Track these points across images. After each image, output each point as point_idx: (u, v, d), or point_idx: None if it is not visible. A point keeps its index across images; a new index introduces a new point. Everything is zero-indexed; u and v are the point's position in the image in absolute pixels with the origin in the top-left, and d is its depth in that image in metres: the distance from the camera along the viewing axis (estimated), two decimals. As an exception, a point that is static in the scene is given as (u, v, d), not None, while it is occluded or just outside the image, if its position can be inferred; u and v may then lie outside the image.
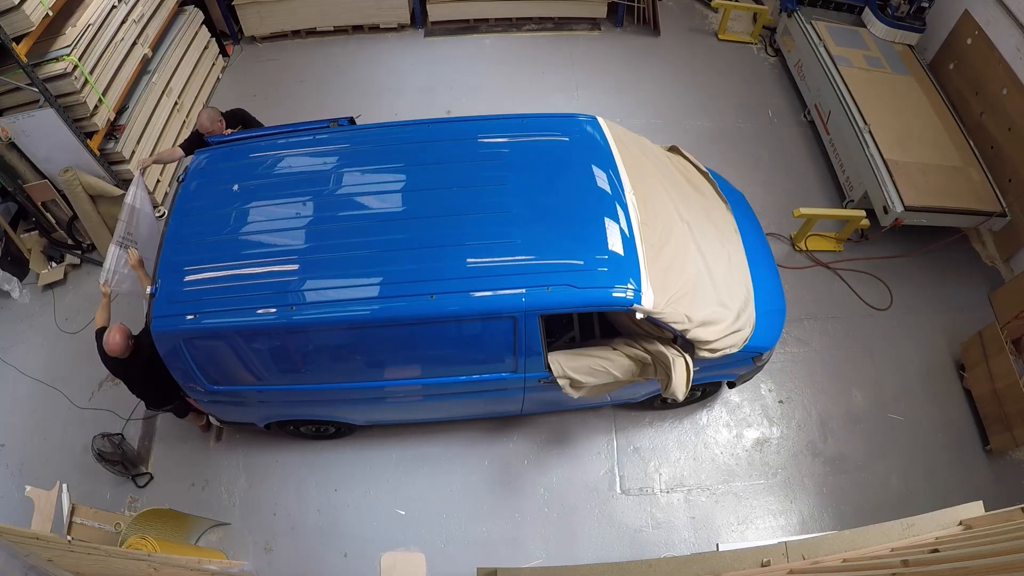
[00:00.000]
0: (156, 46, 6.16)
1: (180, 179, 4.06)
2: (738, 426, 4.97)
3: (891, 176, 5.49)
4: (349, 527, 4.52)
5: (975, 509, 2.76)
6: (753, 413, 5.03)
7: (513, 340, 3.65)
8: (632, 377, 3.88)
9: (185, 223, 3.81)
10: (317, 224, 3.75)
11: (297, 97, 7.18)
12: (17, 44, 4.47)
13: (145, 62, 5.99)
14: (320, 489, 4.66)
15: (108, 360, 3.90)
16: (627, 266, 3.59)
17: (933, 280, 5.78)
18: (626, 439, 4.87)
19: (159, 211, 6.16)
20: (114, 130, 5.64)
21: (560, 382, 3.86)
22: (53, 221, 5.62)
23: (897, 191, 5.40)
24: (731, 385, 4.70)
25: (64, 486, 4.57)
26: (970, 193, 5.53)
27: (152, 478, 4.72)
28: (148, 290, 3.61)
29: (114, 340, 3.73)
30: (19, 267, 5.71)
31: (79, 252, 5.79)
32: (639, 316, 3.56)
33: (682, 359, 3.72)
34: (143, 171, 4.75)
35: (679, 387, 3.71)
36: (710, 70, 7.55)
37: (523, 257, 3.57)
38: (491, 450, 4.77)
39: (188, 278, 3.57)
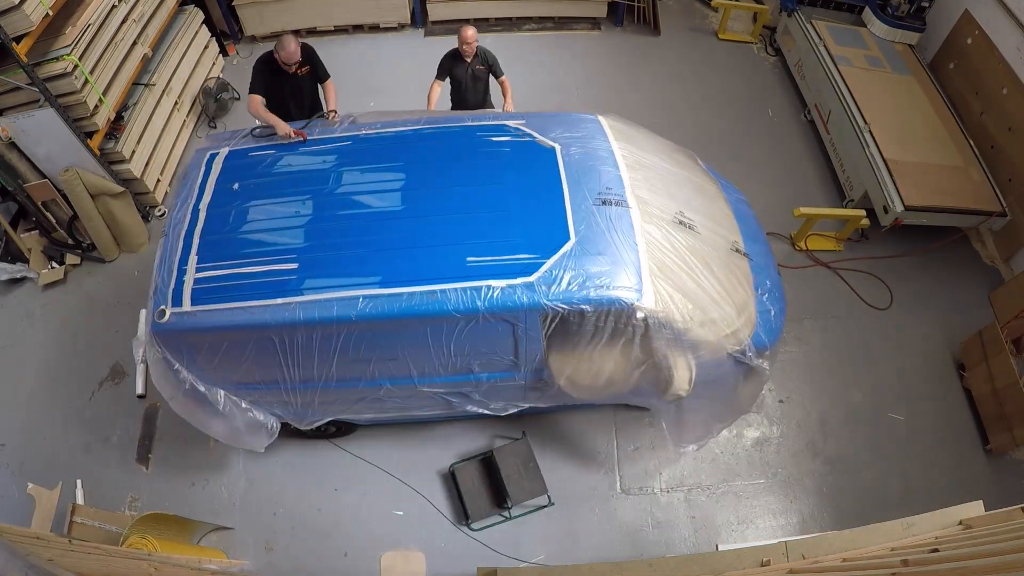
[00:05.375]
0: (156, 46, 6.15)
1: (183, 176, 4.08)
2: (738, 425, 4.97)
3: (891, 176, 5.50)
4: (349, 527, 4.52)
5: (975, 509, 2.75)
6: (755, 414, 5.03)
7: (513, 340, 3.66)
8: (632, 377, 3.87)
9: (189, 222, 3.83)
10: (316, 222, 3.76)
11: (297, 97, 7.17)
12: (17, 44, 4.46)
13: (145, 62, 5.99)
14: (320, 489, 4.66)
15: None
16: (628, 265, 3.59)
17: (933, 280, 5.78)
18: (626, 439, 4.87)
19: (159, 210, 6.18)
20: (114, 130, 5.65)
21: (561, 382, 3.86)
22: (53, 221, 5.62)
23: (897, 191, 5.40)
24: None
25: (79, 482, 4.59)
26: (970, 193, 5.54)
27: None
28: None
29: None
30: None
31: (79, 252, 5.80)
32: (640, 315, 3.56)
33: (683, 359, 3.72)
34: None
35: (681, 387, 3.71)
36: (710, 70, 7.55)
37: (523, 256, 3.57)
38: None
39: (187, 276, 3.58)
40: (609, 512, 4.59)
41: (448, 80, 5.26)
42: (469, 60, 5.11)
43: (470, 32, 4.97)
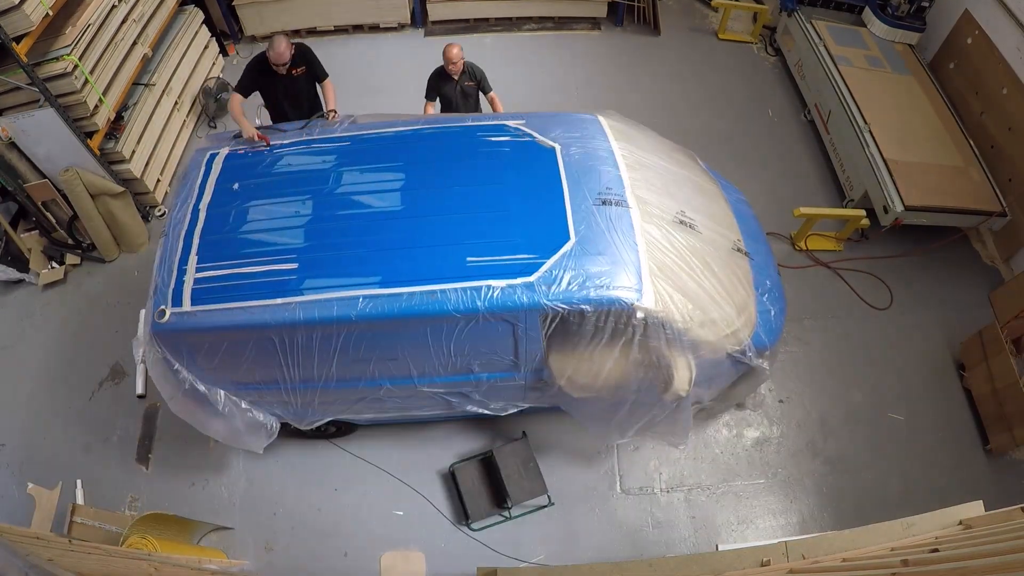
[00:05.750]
0: (156, 46, 6.16)
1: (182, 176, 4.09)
2: (738, 425, 4.97)
3: (891, 176, 5.50)
4: (349, 527, 4.52)
5: (975, 509, 2.75)
6: (753, 412, 5.03)
7: (514, 340, 3.66)
8: (632, 378, 3.87)
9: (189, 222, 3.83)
10: (316, 222, 3.77)
11: (297, 97, 7.18)
12: (17, 44, 4.46)
13: (145, 62, 5.99)
14: (320, 489, 4.66)
15: None
16: (628, 265, 3.59)
17: (933, 280, 5.78)
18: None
19: (159, 210, 6.18)
20: (114, 130, 5.65)
21: (561, 382, 3.87)
22: (53, 221, 5.62)
23: (897, 191, 5.40)
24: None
25: (79, 482, 4.60)
26: (970, 193, 5.54)
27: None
28: None
29: None
30: (19, 267, 5.70)
31: (79, 252, 5.80)
32: (640, 315, 3.55)
33: (683, 359, 3.72)
34: None
35: (681, 387, 3.71)
36: (710, 70, 7.55)
37: (523, 256, 3.57)
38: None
39: (186, 276, 3.59)
40: (609, 512, 4.59)
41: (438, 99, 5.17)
42: (456, 78, 4.99)
43: (455, 51, 4.81)
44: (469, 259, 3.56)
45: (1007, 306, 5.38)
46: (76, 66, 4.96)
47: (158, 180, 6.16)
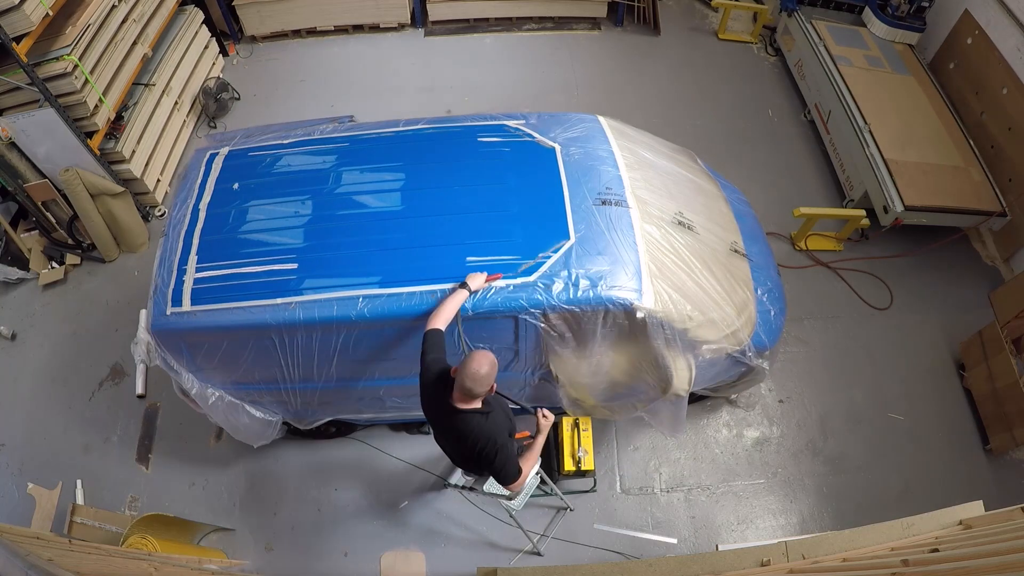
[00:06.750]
0: (156, 46, 6.16)
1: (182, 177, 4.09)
2: (738, 426, 4.97)
3: (891, 175, 5.49)
4: (349, 527, 4.52)
5: (975, 509, 2.76)
6: (753, 413, 5.03)
7: (515, 339, 3.66)
8: (632, 377, 3.88)
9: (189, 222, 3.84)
10: (316, 222, 3.77)
11: (297, 97, 7.19)
12: (17, 44, 4.46)
13: (145, 62, 5.99)
14: (320, 489, 4.66)
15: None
16: (628, 265, 3.59)
17: (933, 280, 5.78)
18: (626, 438, 4.87)
19: (159, 210, 6.18)
20: (114, 130, 5.65)
21: (561, 381, 3.86)
22: (53, 221, 5.62)
23: (897, 190, 5.40)
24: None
25: (79, 482, 4.60)
26: (970, 193, 5.54)
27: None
28: None
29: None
30: (19, 267, 5.71)
31: (79, 252, 5.80)
32: (639, 315, 3.55)
33: (683, 359, 3.72)
34: None
35: (681, 387, 3.71)
36: (710, 70, 7.55)
37: (523, 256, 3.56)
38: (491, 450, 4.77)
39: (186, 276, 3.59)
40: (609, 512, 4.59)
41: None
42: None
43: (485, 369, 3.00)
44: (469, 259, 3.55)
45: (1007, 306, 5.37)
46: (76, 66, 4.96)
47: (158, 180, 6.16)
